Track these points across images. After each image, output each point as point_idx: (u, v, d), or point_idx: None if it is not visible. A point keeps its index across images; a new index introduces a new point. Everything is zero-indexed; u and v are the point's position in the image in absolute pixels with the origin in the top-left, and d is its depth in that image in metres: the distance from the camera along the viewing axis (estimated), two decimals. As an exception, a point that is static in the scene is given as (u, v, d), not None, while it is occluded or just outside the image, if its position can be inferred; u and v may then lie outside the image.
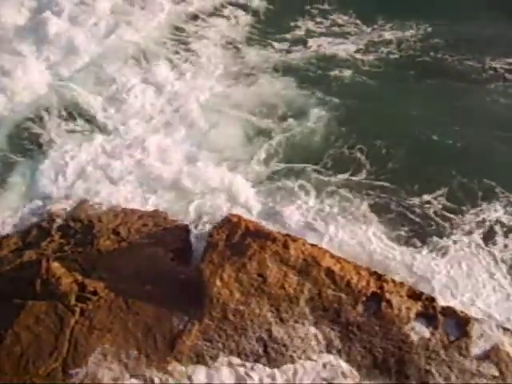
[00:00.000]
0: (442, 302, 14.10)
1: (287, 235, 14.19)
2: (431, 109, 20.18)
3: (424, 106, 20.34)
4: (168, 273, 14.07)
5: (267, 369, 12.81)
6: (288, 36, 24.12)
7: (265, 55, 23.03)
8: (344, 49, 23.26)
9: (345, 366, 12.97)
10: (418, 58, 22.79)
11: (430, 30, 24.05)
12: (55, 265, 13.98)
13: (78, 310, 13.22)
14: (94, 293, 13.47)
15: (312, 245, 14.13)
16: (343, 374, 12.85)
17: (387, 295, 13.37)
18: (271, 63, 22.52)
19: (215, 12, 25.47)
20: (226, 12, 25.47)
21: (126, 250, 14.78)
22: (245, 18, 25.14)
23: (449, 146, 18.81)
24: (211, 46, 23.36)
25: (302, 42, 23.79)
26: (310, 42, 23.77)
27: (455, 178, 17.67)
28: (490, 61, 22.29)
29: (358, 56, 22.89)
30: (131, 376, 12.49)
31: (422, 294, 13.87)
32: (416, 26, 24.28)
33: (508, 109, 20.19)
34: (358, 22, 24.79)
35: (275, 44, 23.63)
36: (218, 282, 13.24)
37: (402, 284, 13.93)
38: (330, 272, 13.47)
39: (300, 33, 24.32)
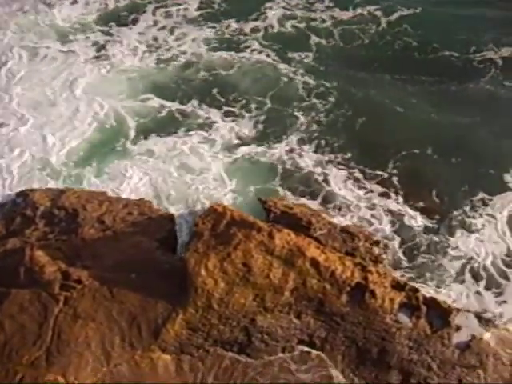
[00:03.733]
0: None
1: (272, 225, 14.20)
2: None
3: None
4: (153, 262, 14.05)
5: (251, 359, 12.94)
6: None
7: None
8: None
9: (325, 356, 13.12)
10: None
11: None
12: (39, 253, 13.93)
13: (62, 298, 13.20)
14: (78, 281, 13.44)
15: (297, 235, 14.15)
16: (324, 364, 12.99)
17: (371, 286, 13.45)
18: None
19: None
20: None
21: (111, 239, 14.73)
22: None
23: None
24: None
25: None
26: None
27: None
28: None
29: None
30: (115, 364, 12.50)
31: (405, 284, 13.97)
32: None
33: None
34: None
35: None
36: (203, 272, 13.25)
37: (385, 275, 14.03)
38: (314, 262, 13.51)
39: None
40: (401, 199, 17.23)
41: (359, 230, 15.63)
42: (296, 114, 20.22)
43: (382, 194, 17.42)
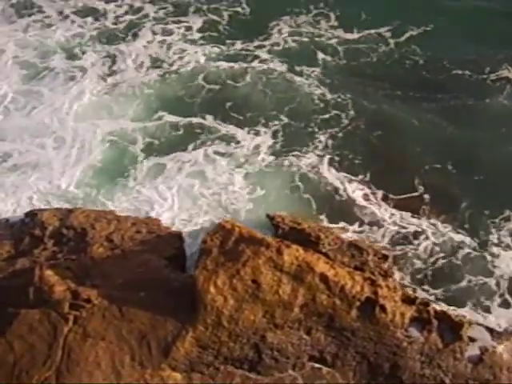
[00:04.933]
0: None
1: (281, 241, 14.18)
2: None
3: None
4: (162, 280, 14.03)
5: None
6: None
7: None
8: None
9: (336, 373, 13.03)
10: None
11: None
12: (48, 272, 13.91)
13: (71, 317, 13.15)
14: (88, 300, 13.40)
15: (306, 250, 14.11)
16: (336, 381, 12.90)
17: (381, 300, 13.37)
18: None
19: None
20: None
21: (120, 258, 14.73)
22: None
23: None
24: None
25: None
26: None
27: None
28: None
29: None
30: (125, 384, 12.46)
31: (416, 298, 13.90)
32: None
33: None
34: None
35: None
36: (212, 289, 13.21)
37: (395, 289, 13.95)
38: (323, 277, 13.45)
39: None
40: (429, 216, 17.21)
41: (368, 244, 15.60)
42: (312, 127, 20.24)
43: (409, 210, 17.37)
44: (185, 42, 24.20)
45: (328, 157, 19.12)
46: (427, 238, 16.59)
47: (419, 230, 16.81)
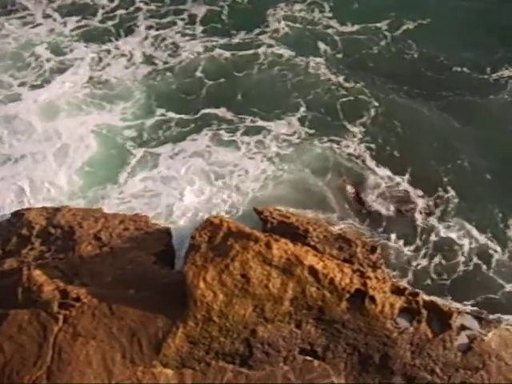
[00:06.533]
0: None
1: (269, 235, 14.19)
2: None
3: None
4: (151, 276, 14.01)
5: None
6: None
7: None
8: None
9: (327, 365, 13.10)
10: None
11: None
12: (36, 272, 13.85)
13: (61, 317, 13.11)
14: (77, 299, 13.36)
15: (294, 244, 14.14)
16: (327, 373, 12.96)
17: (371, 291, 13.43)
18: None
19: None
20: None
21: (108, 255, 14.68)
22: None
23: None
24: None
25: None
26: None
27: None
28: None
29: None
30: (117, 382, 12.42)
31: (405, 289, 13.98)
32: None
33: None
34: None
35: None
36: (202, 284, 13.20)
37: (384, 280, 14.02)
38: (313, 270, 13.47)
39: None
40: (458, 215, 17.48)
41: (356, 236, 15.65)
42: (332, 114, 20.54)
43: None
44: (182, 36, 24.13)
45: (362, 146, 19.42)
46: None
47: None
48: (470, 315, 14.01)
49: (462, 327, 13.62)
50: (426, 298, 14.12)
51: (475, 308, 15.09)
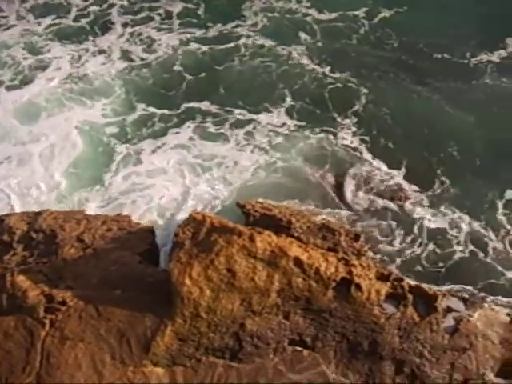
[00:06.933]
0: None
1: (252, 228, 14.19)
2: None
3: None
4: (136, 276, 13.96)
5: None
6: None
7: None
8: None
9: (317, 354, 13.18)
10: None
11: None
12: (20, 278, 13.75)
13: (47, 321, 13.04)
14: (63, 303, 13.28)
15: (278, 236, 14.16)
16: (317, 362, 13.04)
17: (356, 279, 13.51)
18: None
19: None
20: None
21: (92, 257, 14.60)
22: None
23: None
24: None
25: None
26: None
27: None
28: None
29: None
30: (108, 383, 12.38)
31: (390, 274, 14.07)
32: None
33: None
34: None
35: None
36: (188, 281, 13.18)
37: (369, 267, 14.10)
38: (298, 261, 13.51)
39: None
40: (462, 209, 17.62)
41: (339, 225, 15.71)
42: (320, 104, 20.67)
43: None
44: (158, 31, 24.04)
45: (350, 134, 19.63)
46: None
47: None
48: (455, 297, 14.16)
49: (448, 309, 13.77)
50: (412, 282, 14.22)
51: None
